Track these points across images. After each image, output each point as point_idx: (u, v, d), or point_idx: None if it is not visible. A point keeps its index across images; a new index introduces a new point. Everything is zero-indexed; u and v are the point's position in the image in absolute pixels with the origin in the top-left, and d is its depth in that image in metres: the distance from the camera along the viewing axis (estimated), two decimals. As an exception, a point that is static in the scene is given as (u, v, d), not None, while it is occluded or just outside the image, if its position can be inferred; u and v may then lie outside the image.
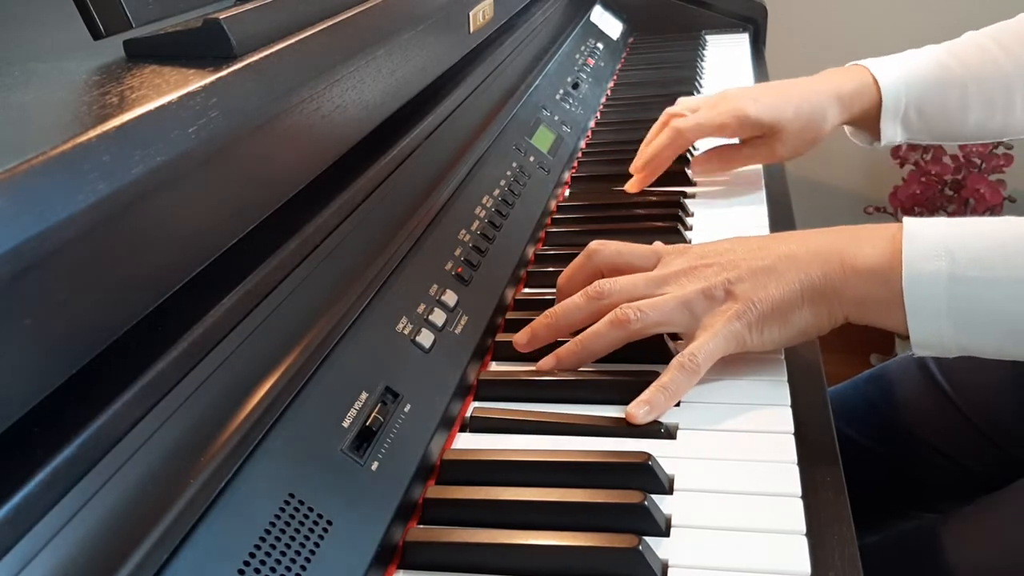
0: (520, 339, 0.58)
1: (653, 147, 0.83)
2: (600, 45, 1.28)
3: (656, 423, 0.51)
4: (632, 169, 0.85)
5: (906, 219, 0.51)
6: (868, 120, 0.82)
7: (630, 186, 0.84)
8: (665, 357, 0.57)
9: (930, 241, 0.49)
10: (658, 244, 0.61)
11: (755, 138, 0.82)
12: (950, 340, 0.50)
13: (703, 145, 0.88)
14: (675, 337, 0.60)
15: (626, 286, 0.56)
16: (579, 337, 0.55)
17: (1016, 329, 0.48)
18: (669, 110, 0.86)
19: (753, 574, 0.41)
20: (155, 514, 0.32)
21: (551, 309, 0.58)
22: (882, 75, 0.80)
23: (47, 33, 0.54)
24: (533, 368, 0.59)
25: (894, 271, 0.50)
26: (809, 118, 0.80)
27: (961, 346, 0.50)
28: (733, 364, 0.56)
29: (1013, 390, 0.76)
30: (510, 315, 0.65)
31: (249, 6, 0.43)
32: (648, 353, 0.58)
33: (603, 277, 0.58)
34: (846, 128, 0.86)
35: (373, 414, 0.46)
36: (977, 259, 0.48)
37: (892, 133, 0.81)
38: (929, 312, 0.49)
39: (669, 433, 0.51)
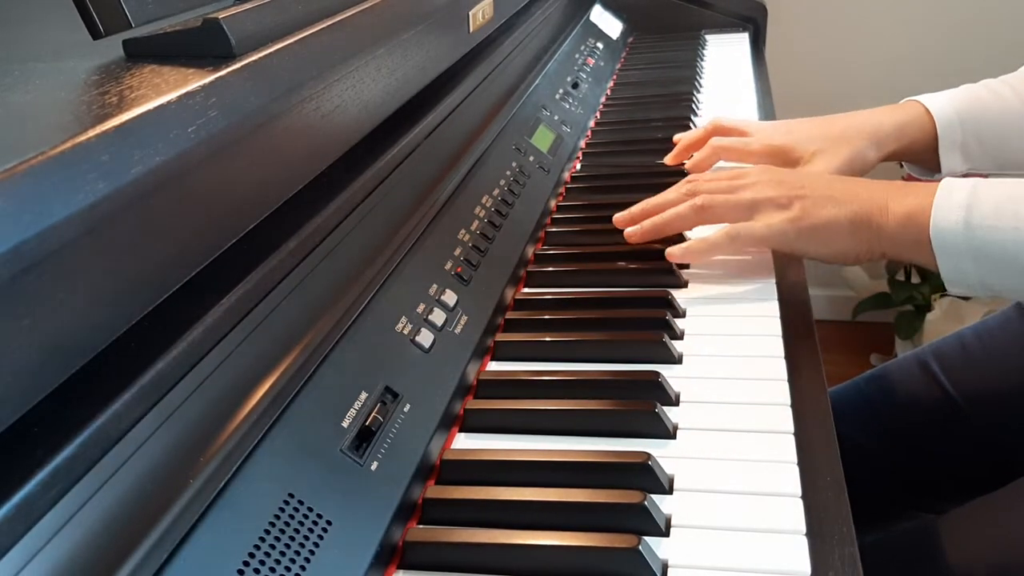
0: (634, 235, 0.71)
1: (693, 161, 0.88)
2: (600, 45, 1.28)
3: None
4: (668, 162, 0.91)
5: (947, 177, 0.61)
6: (924, 152, 0.82)
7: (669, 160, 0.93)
8: (664, 357, 0.58)
9: (958, 193, 0.58)
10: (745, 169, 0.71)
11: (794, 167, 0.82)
12: (973, 278, 0.58)
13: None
14: (672, 335, 0.60)
15: (713, 185, 0.69)
16: (663, 215, 0.69)
17: None
18: (715, 121, 0.89)
19: (753, 574, 0.41)
20: (155, 514, 0.32)
21: (654, 216, 0.71)
22: (934, 106, 0.80)
23: (47, 33, 0.54)
24: (533, 368, 0.59)
25: (924, 216, 0.59)
26: (850, 154, 0.80)
27: (984, 284, 0.58)
28: (733, 363, 0.57)
29: (1014, 389, 0.76)
30: (510, 315, 0.65)
31: (248, 6, 0.43)
32: (648, 352, 0.58)
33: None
34: (904, 164, 0.86)
35: (373, 414, 0.46)
36: (993, 211, 0.57)
37: (952, 163, 0.81)
38: (952, 253, 0.58)
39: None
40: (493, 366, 0.60)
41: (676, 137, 0.92)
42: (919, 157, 0.83)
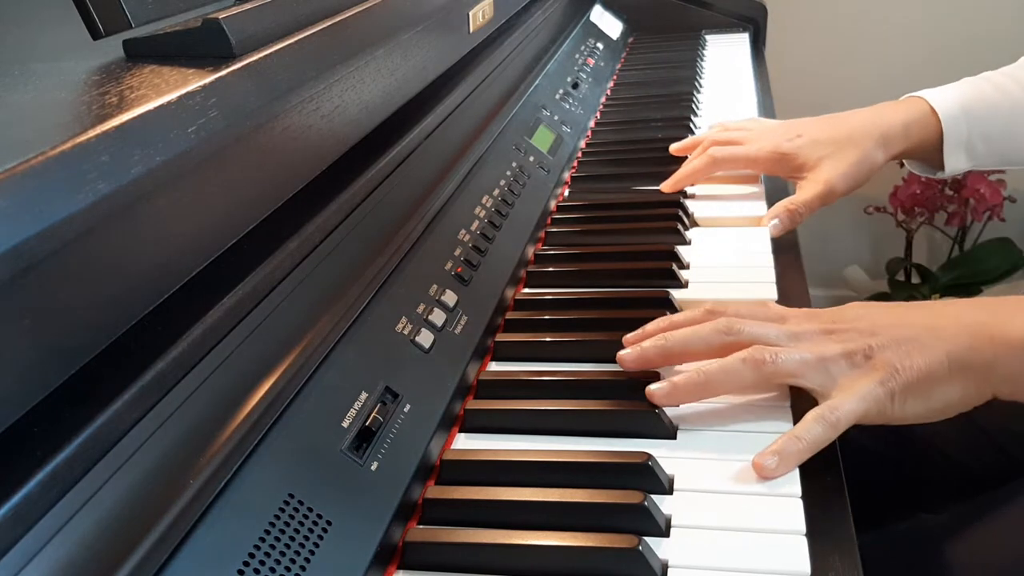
0: (628, 357, 0.54)
1: (689, 169, 0.84)
2: (600, 45, 1.28)
3: (659, 421, 0.51)
4: (663, 187, 0.85)
5: None
6: (927, 150, 0.80)
7: (664, 186, 0.85)
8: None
9: None
10: (779, 307, 0.57)
11: (800, 177, 0.80)
12: None
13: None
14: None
15: (757, 330, 0.52)
16: (704, 368, 0.51)
17: None
18: (712, 134, 0.87)
19: (753, 574, 0.41)
20: (155, 514, 0.32)
21: (668, 333, 0.54)
22: (940, 104, 0.78)
23: (47, 33, 0.54)
24: (533, 369, 0.59)
25: None
26: (858, 158, 0.77)
27: None
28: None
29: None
30: (510, 315, 0.65)
31: (248, 6, 0.43)
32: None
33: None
34: (905, 161, 0.84)
35: (373, 414, 0.46)
36: None
37: (956, 162, 0.79)
38: None
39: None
40: (493, 366, 0.60)
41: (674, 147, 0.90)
42: (923, 155, 0.82)
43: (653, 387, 0.52)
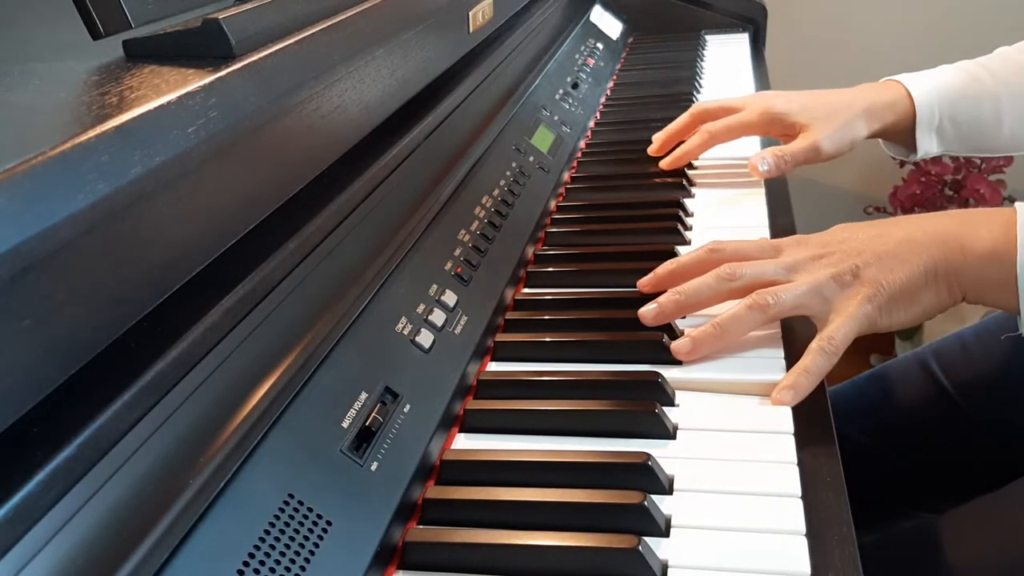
0: (648, 315, 0.59)
1: (687, 147, 0.87)
2: (600, 45, 1.28)
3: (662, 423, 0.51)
4: (663, 164, 0.89)
5: (1019, 203, 0.55)
6: (902, 132, 0.84)
7: (664, 163, 0.89)
8: (664, 357, 0.57)
9: None
10: (772, 241, 0.62)
11: (791, 136, 0.83)
12: None
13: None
14: (672, 335, 0.60)
15: (756, 270, 0.58)
16: (717, 320, 0.57)
17: None
18: (700, 106, 0.89)
19: (753, 574, 0.41)
20: (155, 514, 0.32)
21: (680, 288, 0.59)
22: (915, 88, 0.82)
23: (47, 33, 0.54)
24: (533, 369, 0.59)
25: (1009, 255, 0.53)
26: (843, 124, 0.81)
27: None
28: (734, 364, 0.56)
29: (1014, 388, 0.76)
30: (510, 315, 0.65)
31: (248, 6, 0.43)
32: (648, 352, 0.58)
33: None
34: (881, 142, 0.88)
35: (372, 414, 0.46)
36: None
37: (927, 144, 0.83)
38: None
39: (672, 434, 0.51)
40: (493, 366, 0.60)
41: (655, 136, 0.91)
42: (898, 137, 0.85)
43: (677, 344, 0.57)
